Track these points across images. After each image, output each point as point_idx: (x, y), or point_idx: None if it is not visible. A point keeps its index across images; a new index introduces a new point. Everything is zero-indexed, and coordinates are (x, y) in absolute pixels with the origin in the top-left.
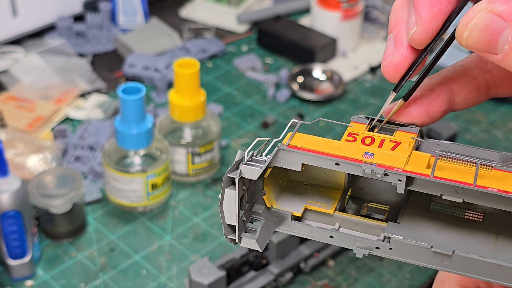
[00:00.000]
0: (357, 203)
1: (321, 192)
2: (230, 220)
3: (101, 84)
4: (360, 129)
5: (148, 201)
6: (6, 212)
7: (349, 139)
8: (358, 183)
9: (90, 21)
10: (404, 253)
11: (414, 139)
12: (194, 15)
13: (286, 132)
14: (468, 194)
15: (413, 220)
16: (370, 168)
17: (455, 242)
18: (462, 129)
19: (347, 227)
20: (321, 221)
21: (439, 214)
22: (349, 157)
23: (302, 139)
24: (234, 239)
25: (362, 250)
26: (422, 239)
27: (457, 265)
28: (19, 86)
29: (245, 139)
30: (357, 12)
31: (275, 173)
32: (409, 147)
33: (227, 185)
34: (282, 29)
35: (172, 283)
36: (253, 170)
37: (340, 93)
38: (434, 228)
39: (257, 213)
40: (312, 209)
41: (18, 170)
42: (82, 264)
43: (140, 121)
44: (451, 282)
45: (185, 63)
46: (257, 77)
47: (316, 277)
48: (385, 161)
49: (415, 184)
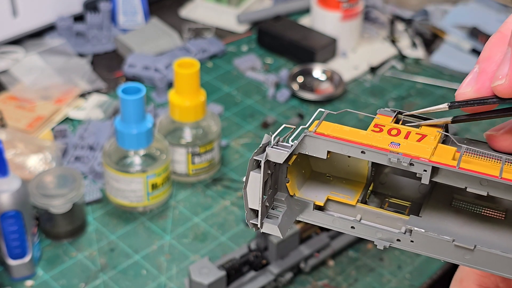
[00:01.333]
0: (379, 198)
1: (343, 184)
2: (253, 204)
3: (101, 84)
4: (386, 121)
5: (148, 201)
6: (6, 212)
7: (376, 129)
8: (380, 178)
9: (90, 21)
10: (425, 246)
11: (440, 133)
12: (194, 15)
13: (312, 120)
14: (493, 187)
15: (435, 215)
16: (396, 157)
17: (477, 237)
18: (462, 129)
19: (368, 219)
20: (342, 212)
21: (461, 211)
22: (375, 146)
23: (329, 127)
24: (256, 224)
25: (383, 242)
26: (444, 233)
27: (479, 260)
28: (19, 86)
29: (245, 139)
30: (357, 12)
31: (299, 162)
32: (435, 139)
33: (252, 168)
34: (282, 29)
35: (172, 283)
36: (280, 153)
37: (340, 93)
38: (456, 223)
39: (280, 200)
40: (334, 199)
41: (18, 170)
42: (82, 264)
43: (140, 121)
44: (469, 282)
45: (185, 63)
46: (257, 77)
47: (316, 277)
48: (411, 151)
49: (440, 175)
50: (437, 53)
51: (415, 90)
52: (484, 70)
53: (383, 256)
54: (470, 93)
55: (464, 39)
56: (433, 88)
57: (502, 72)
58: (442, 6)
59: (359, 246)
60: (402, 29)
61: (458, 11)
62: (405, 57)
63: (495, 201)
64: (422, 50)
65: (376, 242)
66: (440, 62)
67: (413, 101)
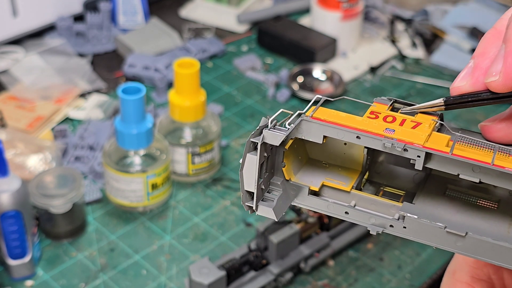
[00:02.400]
0: (374, 186)
1: (339, 171)
2: (249, 186)
3: (101, 84)
4: (382, 109)
5: (148, 201)
6: (6, 212)
7: (371, 116)
8: (376, 167)
9: (90, 21)
10: (418, 233)
11: (435, 121)
12: (194, 15)
13: (309, 106)
14: (485, 174)
15: (429, 203)
16: (390, 142)
17: (469, 225)
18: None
19: (362, 205)
20: (337, 198)
21: (455, 199)
22: (370, 131)
23: (325, 113)
24: (251, 206)
25: (376, 227)
26: (437, 219)
27: (470, 248)
28: (19, 86)
29: (245, 139)
30: (357, 12)
31: (296, 148)
32: (429, 127)
33: (248, 150)
34: (282, 29)
35: (172, 283)
36: (276, 136)
37: (340, 93)
38: (449, 211)
39: (276, 184)
40: (329, 185)
41: (18, 170)
42: (82, 264)
43: (140, 121)
44: (462, 274)
45: (185, 63)
46: (257, 77)
47: (316, 277)
48: (406, 137)
49: (433, 161)
50: (437, 53)
51: (415, 90)
52: (479, 66)
53: (383, 256)
54: (465, 87)
55: (464, 39)
56: (433, 88)
57: (495, 69)
58: (442, 6)
59: (359, 246)
60: (402, 29)
61: (458, 11)
62: (405, 57)
63: (488, 191)
64: (422, 50)
65: (369, 227)
66: (440, 62)
67: (413, 101)
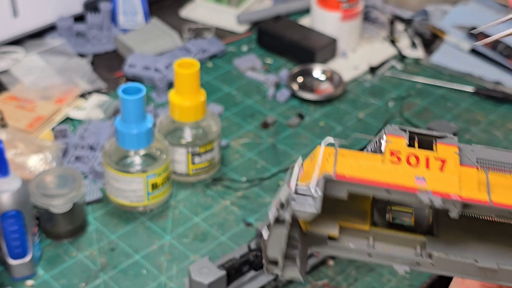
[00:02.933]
0: (381, 208)
1: (349, 205)
2: (274, 255)
3: (101, 84)
4: (400, 145)
5: (148, 201)
6: (7, 212)
7: (393, 159)
8: None
9: (90, 21)
10: (447, 268)
11: (457, 154)
12: (194, 15)
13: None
14: None
15: (451, 232)
16: (427, 197)
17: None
18: (462, 129)
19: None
20: (357, 237)
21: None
22: (402, 185)
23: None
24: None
25: (403, 266)
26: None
27: (503, 277)
28: (20, 86)
29: (245, 139)
30: (357, 12)
31: None
32: (455, 166)
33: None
34: (282, 29)
35: (172, 283)
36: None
37: (340, 93)
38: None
39: (293, 237)
40: (347, 226)
41: (19, 170)
42: (83, 264)
43: (140, 121)
44: (472, 282)
45: (185, 63)
46: (257, 77)
47: (316, 277)
48: (439, 186)
49: (471, 209)
50: (437, 53)
51: (415, 90)
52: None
53: None
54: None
55: (464, 39)
56: (433, 88)
57: None
58: (442, 6)
59: None
60: (402, 29)
61: (458, 11)
62: (405, 57)
63: None
64: (421, 50)
65: (395, 267)
66: (439, 62)
67: (413, 101)
